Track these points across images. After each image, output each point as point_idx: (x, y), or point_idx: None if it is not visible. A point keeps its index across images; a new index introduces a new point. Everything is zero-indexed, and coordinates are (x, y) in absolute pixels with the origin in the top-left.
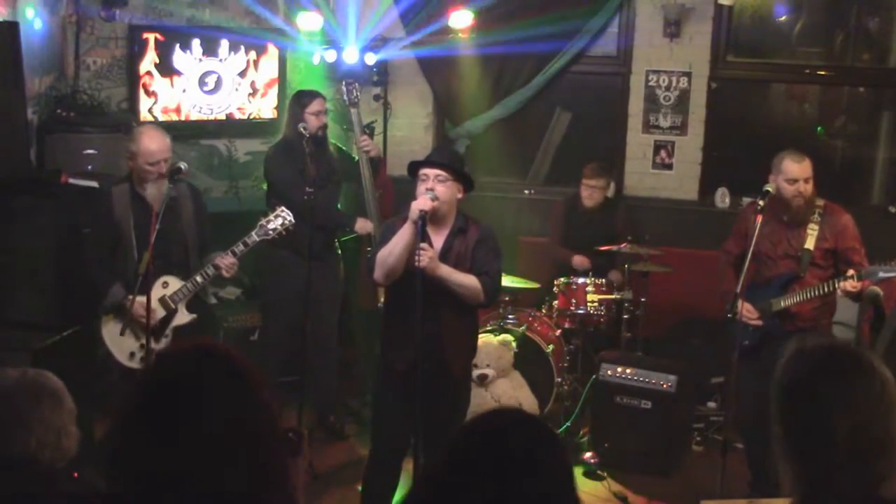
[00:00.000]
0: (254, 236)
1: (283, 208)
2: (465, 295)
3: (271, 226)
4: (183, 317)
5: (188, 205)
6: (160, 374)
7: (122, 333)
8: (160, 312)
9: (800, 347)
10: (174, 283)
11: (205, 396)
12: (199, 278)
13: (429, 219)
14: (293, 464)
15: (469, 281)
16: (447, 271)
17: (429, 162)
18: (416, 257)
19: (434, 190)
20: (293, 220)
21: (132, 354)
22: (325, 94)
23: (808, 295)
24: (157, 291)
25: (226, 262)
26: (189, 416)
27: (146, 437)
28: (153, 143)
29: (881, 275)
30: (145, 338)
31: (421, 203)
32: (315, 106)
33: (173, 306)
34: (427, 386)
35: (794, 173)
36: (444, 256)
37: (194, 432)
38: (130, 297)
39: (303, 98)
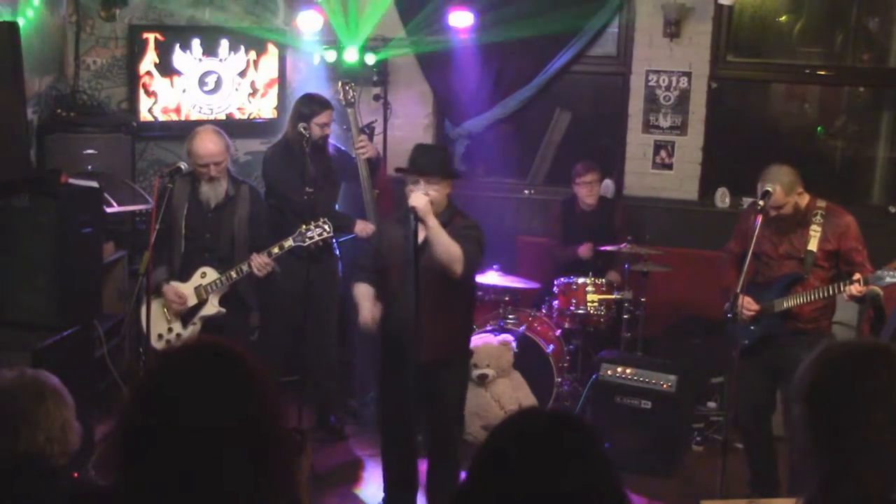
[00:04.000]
0: (290, 241)
1: (325, 220)
2: (442, 256)
3: (309, 234)
4: (211, 308)
5: (244, 206)
6: (164, 371)
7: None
8: (193, 300)
9: (833, 343)
10: (211, 275)
11: (209, 394)
12: (233, 273)
13: (426, 217)
14: (297, 463)
15: (451, 243)
16: (436, 224)
17: (415, 170)
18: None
19: (428, 194)
20: (332, 235)
21: (160, 336)
22: (325, 96)
23: (812, 297)
24: (195, 280)
25: (259, 261)
26: (193, 414)
27: (149, 435)
28: (200, 147)
29: (888, 280)
30: (170, 325)
31: (414, 199)
32: (322, 118)
33: (205, 296)
34: (414, 367)
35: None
36: (427, 246)
37: (198, 430)
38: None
39: (313, 106)
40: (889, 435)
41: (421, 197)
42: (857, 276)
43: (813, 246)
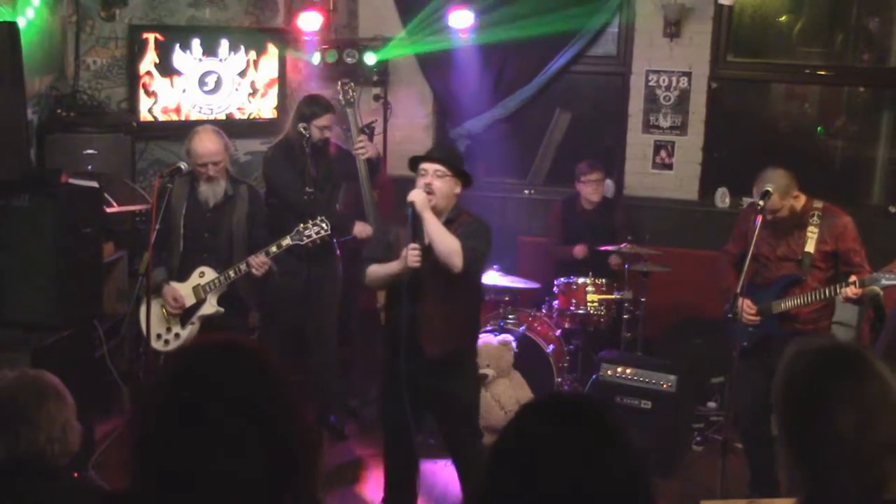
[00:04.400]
0: (288, 239)
1: (322, 218)
2: (440, 249)
3: (307, 232)
4: (209, 307)
5: (243, 206)
6: (183, 368)
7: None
8: (191, 300)
9: (800, 348)
10: (209, 274)
11: (228, 391)
12: (231, 273)
13: (422, 211)
14: (318, 459)
15: (449, 237)
16: (432, 217)
17: (427, 157)
18: (408, 257)
19: (431, 185)
20: (330, 232)
21: (158, 336)
22: (325, 96)
23: (810, 298)
24: (194, 280)
25: (256, 260)
26: (211, 412)
27: (169, 436)
28: (199, 146)
29: (884, 282)
30: (169, 325)
31: (413, 195)
32: (323, 121)
33: (204, 296)
34: (416, 370)
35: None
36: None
37: (217, 428)
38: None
39: (314, 107)
40: (865, 438)
41: (419, 192)
42: (852, 278)
43: (810, 247)
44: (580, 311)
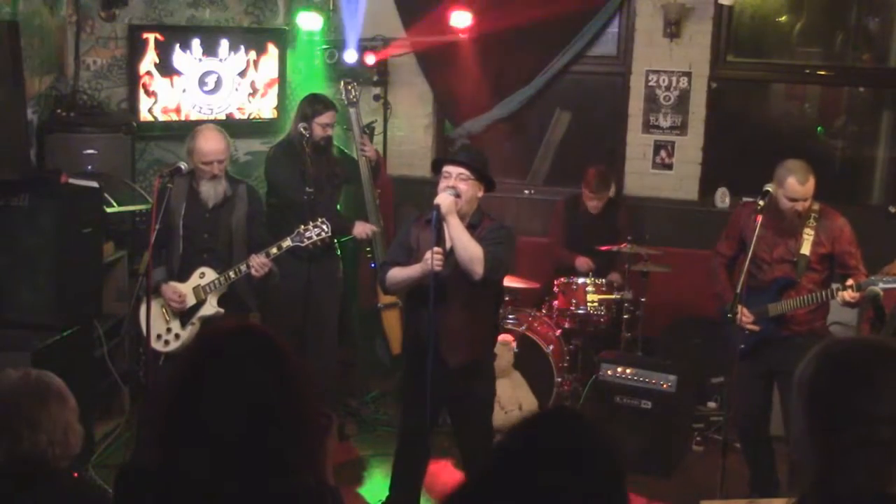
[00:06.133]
0: (288, 241)
1: (324, 220)
2: (462, 255)
3: (308, 234)
4: (210, 308)
5: (242, 205)
6: (204, 349)
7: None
8: (191, 300)
9: (835, 340)
10: (209, 275)
11: (245, 372)
12: (231, 273)
13: (448, 215)
14: (327, 442)
15: (472, 243)
16: (456, 222)
17: (452, 160)
18: (430, 261)
19: (456, 188)
20: (331, 234)
21: (159, 336)
22: (326, 96)
23: (806, 301)
24: (194, 280)
25: (257, 261)
26: (228, 391)
27: (190, 409)
28: (207, 144)
29: (882, 285)
30: (169, 325)
31: (439, 198)
32: (325, 118)
33: (204, 297)
34: (436, 375)
35: (796, 193)
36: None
37: (233, 407)
38: (165, 281)
39: (316, 105)
40: (886, 434)
41: (446, 196)
42: (850, 281)
43: (806, 249)
44: (580, 311)
